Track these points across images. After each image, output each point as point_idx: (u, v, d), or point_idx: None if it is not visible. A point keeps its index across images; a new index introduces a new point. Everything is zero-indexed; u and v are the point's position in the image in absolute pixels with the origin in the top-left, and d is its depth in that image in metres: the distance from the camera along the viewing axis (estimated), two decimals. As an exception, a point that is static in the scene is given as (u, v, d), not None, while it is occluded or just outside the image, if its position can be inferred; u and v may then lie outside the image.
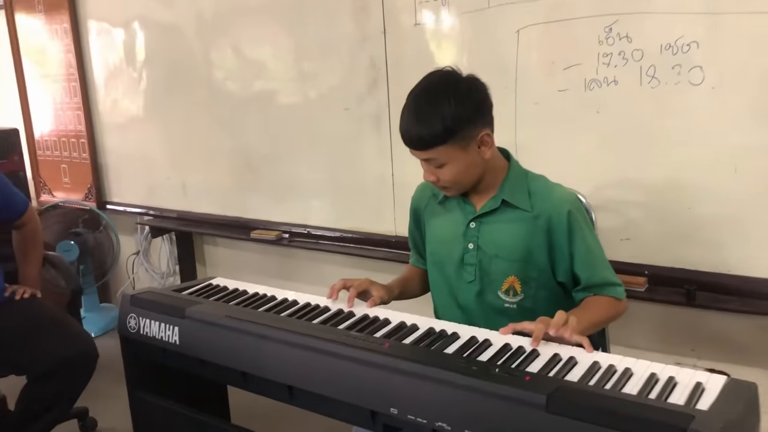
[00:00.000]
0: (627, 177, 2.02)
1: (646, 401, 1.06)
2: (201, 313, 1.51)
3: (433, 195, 1.66)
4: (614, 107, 1.99)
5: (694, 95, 1.86)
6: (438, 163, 1.46)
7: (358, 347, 1.28)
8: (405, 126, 1.47)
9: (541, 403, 1.05)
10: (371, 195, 2.57)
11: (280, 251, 2.97)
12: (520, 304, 1.55)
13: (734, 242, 1.90)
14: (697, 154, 1.90)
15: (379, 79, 2.44)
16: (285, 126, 2.75)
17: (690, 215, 1.94)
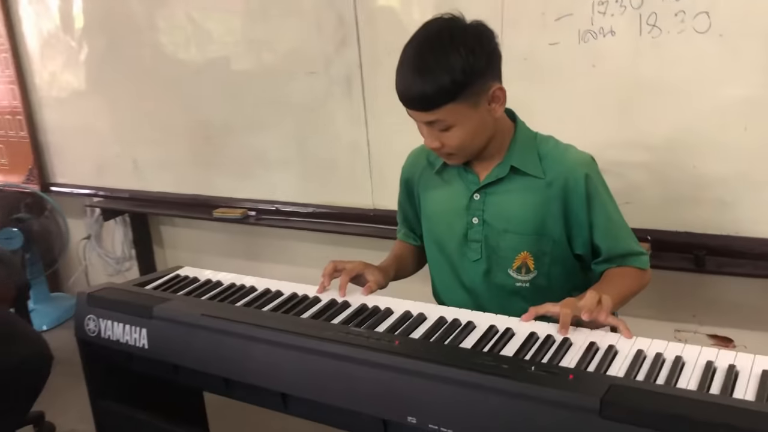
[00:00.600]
0: (627, 136, 1.87)
1: (715, 399, 0.91)
2: (172, 311, 1.31)
3: (429, 163, 1.48)
4: (612, 60, 1.83)
5: (700, 44, 1.71)
6: (444, 126, 1.27)
7: (362, 346, 1.10)
8: (405, 83, 1.26)
9: (593, 407, 0.89)
10: (345, 166, 2.37)
11: (246, 230, 2.75)
12: (534, 281, 1.39)
13: (744, 202, 1.77)
14: (703, 109, 1.75)
15: (349, 38, 2.22)
16: (245, 94, 2.51)
17: (695, 175, 1.80)
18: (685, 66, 1.74)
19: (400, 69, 1.28)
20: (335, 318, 1.28)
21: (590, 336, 1.12)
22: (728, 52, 1.68)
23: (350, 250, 2.50)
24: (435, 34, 1.25)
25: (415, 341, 1.14)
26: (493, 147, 1.36)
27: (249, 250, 2.84)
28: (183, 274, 1.56)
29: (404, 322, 1.24)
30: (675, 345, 1.07)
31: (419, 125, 1.33)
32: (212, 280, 1.51)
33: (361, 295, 1.38)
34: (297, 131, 2.43)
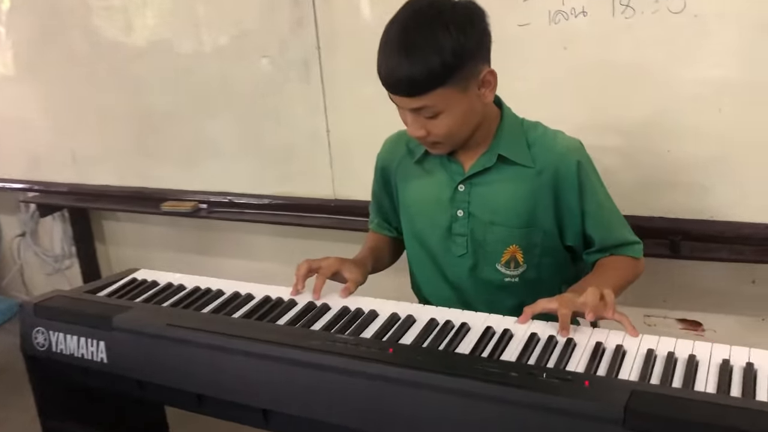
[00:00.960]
0: (600, 119, 1.82)
1: (742, 404, 0.85)
2: (134, 322, 1.18)
3: (408, 151, 1.39)
4: (584, 42, 1.77)
5: (674, 25, 1.66)
6: (431, 113, 1.17)
7: (353, 356, 1.00)
8: (389, 65, 1.16)
9: (616, 417, 0.82)
10: (303, 154, 2.25)
11: (197, 224, 2.61)
12: (523, 276, 1.32)
13: (719, 186, 1.74)
14: (677, 91, 1.71)
15: (305, 18, 2.10)
16: (192, 79, 2.36)
17: (670, 158, 1.76)
18: (659, 47, 1.69)
19: (383, 50, 1.18)
20: (315, 323, 1.18)
21: (594, 335, 1.05)
22: (703, 33, 1.64)
23: (310, 242, 2.40)
24: (422, 12, 1.15)
25: (409, 348, 1.05)
26: (479, 135, 1.28)
27: (200, 244, 2.69)
28: (140, 278, 1.43)
29: (392, 325, 1.15)
30: (684, 342, 1.01)
31: (402, 112, 1.23)
32: (173, 284, 1.38)
33: (339, 296, 1.28)
34: (251, 119, 2.30)
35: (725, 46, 1.63)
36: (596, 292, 1.08)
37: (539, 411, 0.86)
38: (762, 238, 1.72)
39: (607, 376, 0.95)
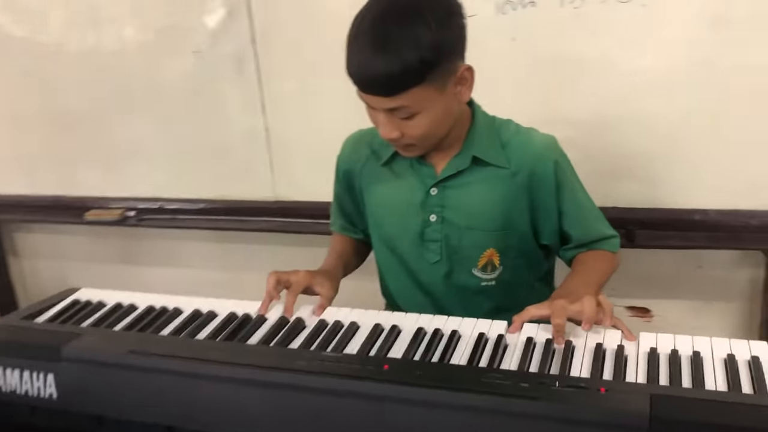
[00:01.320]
0: (550, 111, 1.80)
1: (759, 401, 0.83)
2: (88, 350, 1.05)
3: (373, 153, 1.31)
4: (532, 33, 1.75)
5: (623, 15, 1.66)
6: (408, 113, 1.10)
7: (346, 376, 0.92)
8: (361, 61, 1.07)
9: (641, 425, 0.78)
10: (240, 155, 2.13)
11: (122, 232, 2.43)
12: (498, 278, 1.27)
13: (668, 174, 1.77)
14: (626, 82, 1.71)
15: (238, 10, 1.97)
16: (113, 77, 2.18)
17: (620, 149, 1.77)
18: (608, 37, 1.69)
19: (353, 44, 1.09)
20: (293, 341, 1.09)
21: (591, 337, 1.02)
22: (651, 23, 1.65)
23: (250, 246, 2.29)
24: (398, 2, 1.07)
25: (406, 363, 0.98)
26: (451, 136, 1.22)
27: (126, 254, 2.51)
28: (83, 299, 1.29)
29: (376, 338, 1.07)
30: (683, 338, 0.99)
31: (372, 113, 1.15)
32: (123, 304, 1.26)
33: (310, 307, 1.19)
34: (181, 118, 2.15)
35: (673, 35, 1.65)
36: (593, 301, 1.03)
37: (559, 423, 0.81)
38: (711, 223, 1.75)
39: (615, 380, 0.91)
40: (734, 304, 1.94)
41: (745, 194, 1.73)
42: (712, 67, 1.64)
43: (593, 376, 0.92)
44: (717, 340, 0.98)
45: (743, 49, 1.61)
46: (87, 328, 1.17)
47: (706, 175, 1.74)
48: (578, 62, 1.74)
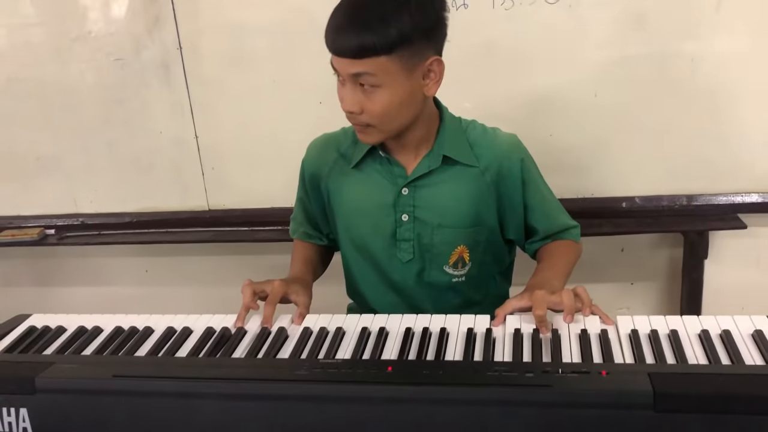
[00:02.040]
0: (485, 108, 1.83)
1: (743, 370, 0.91)
2: (65, 379, 0.99)
3: (341, 156, 1.31)
4: (466, 33, 1.80)
5: (551, 15, 1.75)
6: (371, 83, 1.11)
7: (352, 381, 0.93)
8: (339, 23, 1.10)
9: (647, 402, 0.84)
10: (169, 164, 2.06)
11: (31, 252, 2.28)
12: (468, 274, 1.31)
13: (596, 165, 1.87)
14: (556, 78, 1.81)
15: (164, 16, 1.92)
16: (24, 87, 2.06)
17: (552, 142, 1.86)
18: (538, 36, 1.78)
19: (335, 11, 1.12)
20: (280, 351, 1.08)
21: (572, 324, 1.07)
22: (577, 22, 1.75)
23: (180, 258, 2.22)
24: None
25: (408, 363, 1.00)
26: (419, 134, 1.24)
27: (40, 275, 2.37)
28: (39, 325, 1.21)
29: (366, 341, 1.08)
30: (656, 318, 1.06)
31: (339, 86, 1.16)
32: (86, 328, 1.19)
33: (289, 316, 1.18)
34: (102, 129, 2.06)
35: (598, 34, 1.75)
36: (571, 293, 1.09)
37: (572, 408, 0.85)
38: (636, 210, 1.88)
39: (606, 362, 0.97)
40: (656, 283, 2.08)
41: (664, 180, 1.86)
42: (633, 63, 1.76)
43: (585, 360, 0.97)
44: (688, 318, 1.06)
45: (660, 45, 1.73)
46: (55, 355, 1.10)
47: (629, 164, 1.86)
48: (509, 61, 1.81)
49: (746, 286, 1.94)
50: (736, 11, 1.68)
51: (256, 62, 1.92)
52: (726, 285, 1.96)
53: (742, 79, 1.74)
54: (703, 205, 1.85)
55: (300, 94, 1.91)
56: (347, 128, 1.34)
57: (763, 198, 1.82)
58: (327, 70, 1.78)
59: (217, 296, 2.15)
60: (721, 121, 1.78)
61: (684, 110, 1.78)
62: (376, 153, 1.27)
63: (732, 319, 1.04)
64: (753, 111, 1.76)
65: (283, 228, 1.94)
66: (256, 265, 2.16)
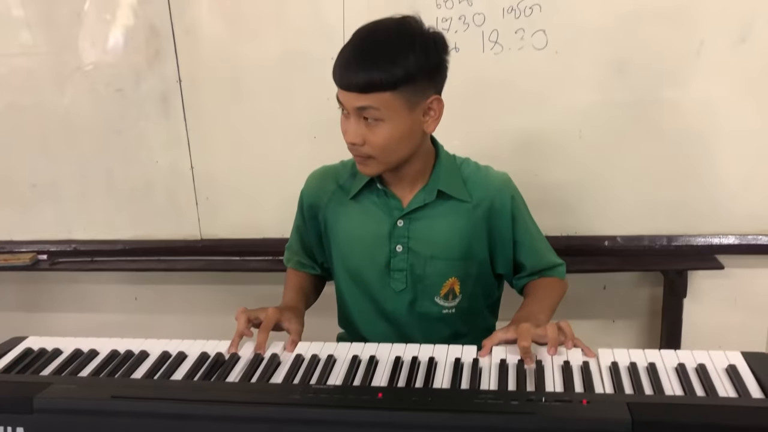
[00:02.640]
0: (473, 147, 1.89)
1: (718, 402, 0.96)
2: (63, 399, 1.02)
3: (340, 187, 1.37)
4: (457, 75, 1.82)
5: (538, 60, 1.83)
6: (374, 116, 1.18)
7: (344, 406, 0.96)
8: (348, 59, 1.17)
9: (625, 429, 0.88)
10: (164, 193, 2.10)
11: (31, 277, 2.31)
12: (459, 306, 1.36)
13: (580, 204, 1.94)
14: (543, 120, 1.88)
15: (164, 50, 1.98)
16: (24, 115, 2.10)
17: (538, 181, 1.92)
18: (526, 80, 1.85)
19: (345, 47, 1.19)
20: (272, 377, 1.11)
21: (557, 356, 1.11)
22: (563, 67, 1.82)
23: (171, 287, 2.24)
24: (391, 25, 1.19)
25: (398, 390, 1.03)
26: (416, 169, 1.30)
27: (29, 300, 2.38)
28: (35, 348, 1.24)
29: (356, 368, 1.11)
30: (635, 352, 1.11)
31: (343, 119, 1.22)
32: (82, 350, 1.22)
33: (281, 344, 1.22)
34: (99, 157, 2.10)
35: (582, 79, 1.83)
36: (554, 326, 1.14)
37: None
38: (619, 248, 1.94)
39: (587, 392, 1.01)
40: (637, 321, 2.14)
41: (645, 221, 1.93)
42: (616, 107, 1.83)
43: (567, 390, 1.01)
44: (666, 352, 1.10)
45: (642, 91, 1.81)
46: (53, 376, 1.12)
47: (612, 204, 1.93)
48: (499, 102, 1.88)
49: (724, 325, 2.00)
50: (714, 59, 1.77)
51: (253, 96, 1.97)
52: (704, 324, 2.01)
53: (721, 124, 1.82)
54: (683, 246, 1.91)
55: (295, 128, 1.97)
56: (346, 161, 1.40)
57: (740, 240, 1.89)
58: (321, 106, 1.86)
59: (205, 325, 2.17)
60: (700, 164, 1.86)
61: (664, 153, 1.85)
62: (374, 185, 1.33)
63: (707, 354, 1.09)
64: (731, 156, 1.84)
65: (275, 258, 2.00)
66: (246, 294, 2.19)
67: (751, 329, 1.98)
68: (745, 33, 1.75)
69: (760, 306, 1.98)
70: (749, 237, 1.89)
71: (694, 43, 1.77)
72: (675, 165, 1.86)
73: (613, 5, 1.76)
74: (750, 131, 1.81)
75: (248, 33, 1.93)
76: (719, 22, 1.75)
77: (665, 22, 1.76)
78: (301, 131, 1.96)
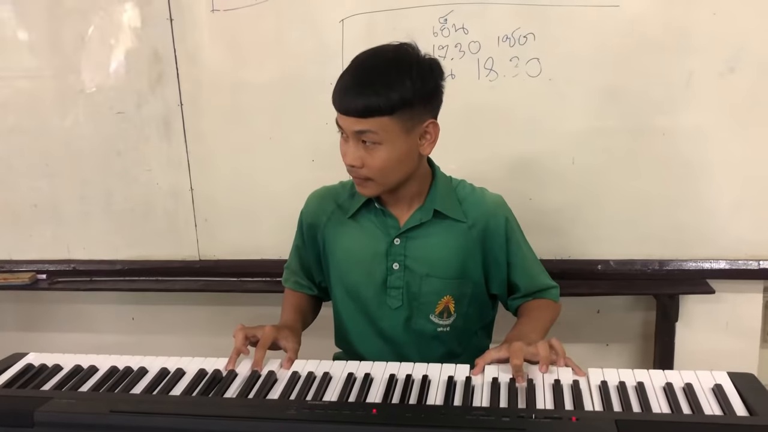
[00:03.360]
0: (467, 172, 1.94)
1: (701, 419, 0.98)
2: (64, 413, 1.04)
3: (338, 207, 1.40)
4: (453, 102, 1.85)
5: (532, 87, 1.87)
6: (373, 140, 1.22)
7: (339, 421, 0.99)
8: (347, 85, 1.21)
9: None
10: (163, 215, 2.13)
11: (29, 297, 2.32)
12: (453, 325, 1.38)
13: (573, 229, 1.97)
14: (537, 146, 1.92)
15: (167, 74, 2.02)
16: (23, 137, 2.14)
17: (532, 206, 1.96)
18: (521, 107, 1.89)
19: (345, 73, 1.23)
20: (269, 393, 1.13)
21: (547, 374, 1.14)
22: (557, 95, 1.87)
23: (169, 307, 2.26)
24: (389, 53, 1.23)
25: (392, 407, 1.05)
26: (413, 189, 1.33)
27: (27, 319, 2.39)
28: (36, 364, 1.26)
29: (351, 386, 1.13)
30: (624, 371, 1.13)
31: (342, 142, 1.26)
32: (82, 366, 1.24)
33: (278, 361, 1.24)
34: (100, 178, 2.13)
35: (575, 105, 1.87)
36: (546, 345, 1.16)
37: (542, 451, 0.92)
38: (611, 272, 1.96)
39: (577, 410, 1.03)
40: (630, 344, 2.15)
41: (637, 245, 1.96)
42: (608, 134, 1.87)
43: (557, 407, 1.04)
44: (654, 372, 1.13)
45: (633, 118, 1.86)
46: (53, 391, 1.14)
47: (604, 229, 1.96)
48: (494, 128, 1.92)
49: (715, 348, 2.02)
50: (704, 88, 1.81)
51: (253, 120, 2.01)
52: (696, 347, 2.03)
53: (711, 151, 1.86)
54: (674, 270, 1.94)
55: (293, 151, 2.00)
56: (345, 182, 1.44)
57: (730, 265, 1.92)
58: (320, 129, 1.90)
59: (202, 345, 2.18)
60: (690, 191, 1.90)
61: (656, 179, 1.89)
62: (372, 205, 1.36)
63: (695, 374, 1.12)
64: (720, 182, 1.87)
65: (272, 279, 2.03)
66: (243, 315, 2.19)
67: (742, 353, 2.00)
68: (733, 63, 1.80)
69: (749, 330, 2.00)
70: (739, 262, 1.92)
71: (684, 73, 1.82)
72: (666, 191, 1.90)
73: (605, 35, 1.81)
74: (739, 158, 1.85)
75: (248, 58, 1.97)
76: (708, 52, 1.80)
77: (656, 51, 1.81)
78: (300, 154, 2.00)
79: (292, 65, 1.95)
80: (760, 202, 1.88)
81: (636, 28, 1.80)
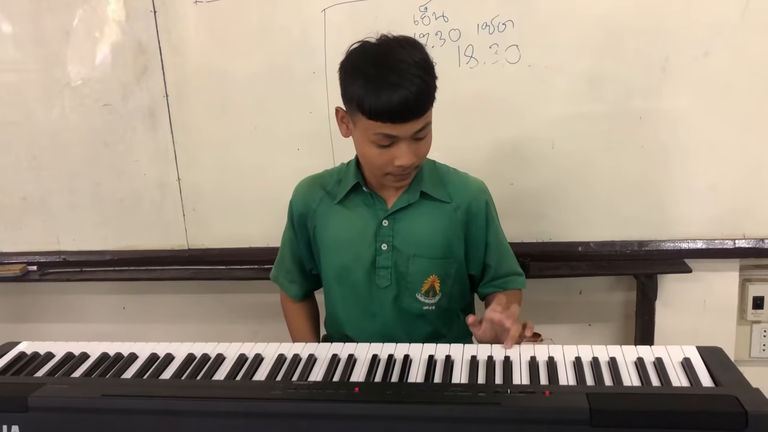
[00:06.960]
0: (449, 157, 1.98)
1: (671, 390, 1.03)
2: (57, 398, 1.07)
3: (327, 193, 1.44)
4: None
5: (512, 74, 1.91)
6: (426, 131, 1.27)
7: (323, 400, 1.02)
8: (396, 91, 1.19)
9: (584, 418, 0.95)
10: (151, 205, 2.16)
11: (20, 288, 2.35)
12: (438, 304, 1.43)
13: (553, 212, 2.01)
14: (518, 131, 1.96)
15: (152, 65, 2.04)
16: (10, 130, 2.15)
17: (513, 190, 2.00)
18: (501, 93, 1.93)
19: (374, 82, 1.20)
20: (256, 374, 1.17)
21: (524, 351, 1.18)
22: (536, 80, 1.90)
23: (158, 296, 2.30)
24: (400, 42, 1.25)
25: (374, 385, 1.09)
26: None
27: (18, 311, 2.42)
28: (28, 352, 1.29)
29: (336, 366, 1.18)
30: (598, 347, 1.18)
31: (385, 152, 1.26)
32: (74, 353, 1.27)
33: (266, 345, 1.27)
34: (87, 170, 2.16)
35: (555, 91, 1.91)
36: (520, 325, 1.21)
37: (517, 424, 0.96)
38: (591, 254, 2.01)
39: (552, 384, 1.07)
40: (612, 324, 2.21)
41: (617, 227, 2.00)
42: (587, 118, 1.91)
43: (533, 382, 1.08)
44: (626, 348, 1.18)
45: (611, 103, 1.90)
46: (46, 377, 1.18)
47: (584, 211, 2.00)
48: (475, 114, 1.96)
49: (694, 326, 2.08)
50: (679, 72, 1.85)
51: (237, 110, 2.04)
52: (676, 325, 2.09)
53: (687, 133, 1.90)
54: (653, 251, 1.99)
55: (279, 140, 2.03)
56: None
57: (707, 244, 1.97)
58: (304, 118, 1.93)
59: (192, 333, 2.24)
60: (668, 173, 1.94)
61: (634, 162, 1.93)
62: (360, 189, 1.41)
63: (665, 349, 1.16)
64: (696, 164, 1.92)
65: (260, 267, 2.07)
66: (232, 303, 2.25)
67: (719, 329, 2.06)
68: (707, 47, 1.83)
69: (726, 307, 2.05)
70: (716, 242, 1.97)
71: (660, 57, 1.86)
72: (644, 173, 1.94)
73: (582, 21, 1.84)
74: (715, 141, 1.90)
75: (232, 49, 2.00)
76: (684, 36, 1.84)
77: (633, 37, 1.84)
78: (285, 143, 2.03)
79: (276, 55, 1.98)
80: (735, 184, 1.92)
81: (613, 14, 1.84)
